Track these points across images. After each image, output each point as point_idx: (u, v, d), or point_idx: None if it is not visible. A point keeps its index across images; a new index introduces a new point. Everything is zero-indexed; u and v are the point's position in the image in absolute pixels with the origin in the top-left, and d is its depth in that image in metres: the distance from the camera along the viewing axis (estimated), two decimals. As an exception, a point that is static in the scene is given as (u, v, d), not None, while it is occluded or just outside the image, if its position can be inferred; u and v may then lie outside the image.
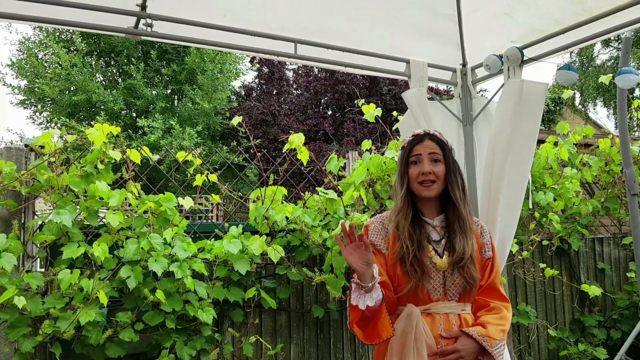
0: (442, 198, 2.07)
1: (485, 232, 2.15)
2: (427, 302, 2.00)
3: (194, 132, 14.35)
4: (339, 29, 3.05)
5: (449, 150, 2.08)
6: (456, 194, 2.03)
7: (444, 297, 2.00)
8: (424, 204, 2.08)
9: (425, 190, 2.01)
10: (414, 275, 1.95)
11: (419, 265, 1.95)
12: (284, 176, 3.64)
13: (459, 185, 2.05)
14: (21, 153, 2.96)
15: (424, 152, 2.03)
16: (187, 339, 2.97)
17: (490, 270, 2.09)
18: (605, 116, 26.74)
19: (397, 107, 13.70)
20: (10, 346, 2.72)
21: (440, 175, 2.01)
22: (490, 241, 2.14)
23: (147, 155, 3.24)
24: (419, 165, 2.02)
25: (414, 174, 2.02)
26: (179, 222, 3.09)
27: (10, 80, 15.39)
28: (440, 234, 2.05)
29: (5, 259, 2.56)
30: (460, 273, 1.98)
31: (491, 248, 2.13)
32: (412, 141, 2.08)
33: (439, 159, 2.04)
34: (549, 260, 4.59)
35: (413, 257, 1.96)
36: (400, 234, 2.01)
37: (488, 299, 2.06)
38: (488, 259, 2.09)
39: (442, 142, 2.07)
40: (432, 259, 2.00)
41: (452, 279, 2.00)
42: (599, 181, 4.77)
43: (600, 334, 4.51)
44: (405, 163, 2.06)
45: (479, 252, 2.08)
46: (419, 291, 1.98)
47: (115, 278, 2.82)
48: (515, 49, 2.95)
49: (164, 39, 2.69)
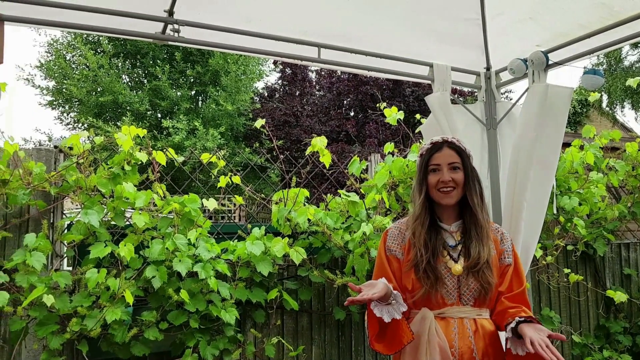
0: (460, 204, 2.09)
1: (506, 239, 2.14)
2: (441, 307, 2.01)
3: (217, 134, 14.46)
4: (362, 34, 3.06)
5: (467, 157, 2.09)
6: (474, 201, 2.04)
7: (459, 301, 2.02)
8: (442, 210, 2.10)
9: (445, 198, 2.03)
10: (426, 281, 1.98)
11: (432, 272, 1.98)
12: (306, 178, 3.66)
13: (477, 192, 2.06)
14: (51, 154, 3.04)
15: (443, 162, 2.04)
16: (210, 339, 3.01)
17: (516, 277, 2.07)
18: (634, 119, 26.21)
19: (421, 109, 13.66)
20: (38, 343, 2.80)
21: (459, 182, 2.03)
22: (512, 248, 2.13)
23: (173, 157, 3.29)
24: (438, 173, 2.04)
25: (433, 182, 2.04)
26: (203, 223, 3.13)
27: (39, 81, 15.60)
28: (457, 239, 2.07)
29: (34, 257, 2.62)
30: (476, 277, 1.99)
31: (513, 255, 2.11)
32: (430, 149, 2.09)
33: (457, 166, 2.05)
34: (574, 265, 4.53)
35: (427, 263, 1.98)
36: (415, 241, 2.04)
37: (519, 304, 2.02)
38: (508, 265, 2.08)
39: (461, 149, 2.08)
40: (447, 264, 2.02)
41: (466, 283, 2.01)
42: (625, 185, 4.69)
43: (626, 340, 4.44)
44: (425, 171, 2.08)
45: (498, 259, 2.08)
46: (432, 296, 2.00)
47: (140, 277, 2.87)
48: (540, 52, 2.93)
49: (190, 44, 2.73)
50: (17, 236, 2.89)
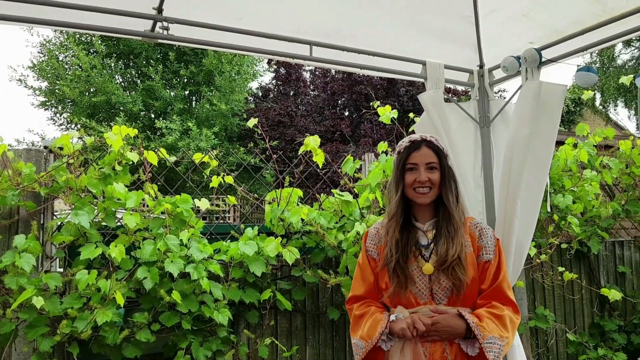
0: (436, 203, 2.10)
1: (485, 235, 2.11)
2: (414, 306, 2.03)
3: (211, 134, 14.42)
4: (354, 31, 3.04)
5: (445, 157, 2.10)
6: (449, 200, 2.06)
7: (431, 300, 2.03)
8: (418, 209, 2.12)
9: (421, 197, 2.05)
10: (395, 281, 2.01)
11: (401, 272, 2.01)
12: (299, 178, 3.64)
13: (452, 191, 2.08)
14: (40, 155, 3.00)
15: (420, 161, 2.05)
16: (203, 340, 2.99)
17: (494, 273, 2.06)
18: (627, 117, 26.31)
19: (415, 108, 13.66)
20: (28, 345, 2.76)
21: (435, 182, 2.05)
22: (495, 244, 2.10)
23: (164, 156, 3.27)
24: (415, 172, 2.05)
25: (410, 181, 2.05)
26: (195, 224, 3.10)
27: (32, 81, 15.52)
28: (429, 238, 2.07)
29: (24, 259, 2.59)
30: (446, 275, 1.99)
31: (496, 251, 2.09)
32: (409, 147, 2.09)
33: (435, 166, 2.06)
34: (568, 263, 4.53)
35: (396, 263, 2.01)
36: (388, 240, 2.07)
37: (491, 300, 2.04)
38: (487, 262, 2.07)
39: (439, 149, 2.09)
40: (419, 263, 2.04)
41: (438, 282, 2.01)
42: (619, 183, 4.69)
43: (621, 338, 4.44)
44: (402, 169, 2.09)
45: (475, 256, 2.07)
46: (403, 295, 2.03)
47: (132, 279, 2.85)
48: (533, 50, 2.91)
49: (180, 42, 2.71)
50: (6, 237, 2.86)
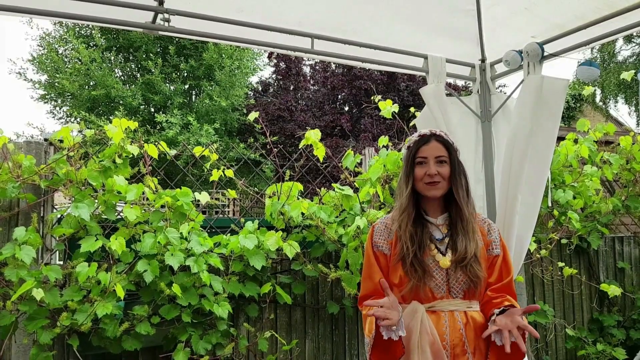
0: (446, 197, 2.09)
1: (493, 230, 2.14)
2: (431, 300, 2.01)
3: (212, 129, 14.39)
4: (356, 25, 3.03)
5: (455, 151, 2.09)
6: (460, 195, 2.04)
7: (448, 294, 2.01)
8: (428, 203, 2.10)
9: (432, 190, 2.03)
10: (414, 275, 1.97)
11: (420, 265, 1.98)
12: (300, 172, 3.63)
13: (462, 186, 2.07)
14: (40, 147, 3.00)
15: (430, 155, 2.04)
16: (203, 333, 2.99)
17: (503, 267, 2.08)
18: (627, 113, 26.31)
19: (415, 103, 13.64)
20: (28, 338, 2.76)
21: (445, 176, 2.03)
22: (499, 239, 2.13)
23: (165, 150, 3.26)
24: (425, 166, 2.04)
25: (420, 175, 2.04)
26: (196, 217, 3.10)
27: (31, 75, 15.48)
28: (443, 232, 2.07)
29: (24, 251, 2.59)
30: (464, 272, 1.98)
31: (501, 246, 2.11)
32: (418, 142, 2.09)
33: (444, 160, 2.05)
34: (568, 259, 4.53)
35: (413, 257, 1.98)
36: (402, 234, 2.04)
37: (504, 293, 2.04)
38: (496, 256, 2.09)
39: (448, 143, 2.08)
40: (435, 257, 2.02)
41: (455, 276, 2.00)
42: (619, 179, 4.69)
43: (619, 334, 4.45)
44: (411, 163, 2.08)
45: (485, 250, 2.08)
46: (421, 290, 1.99)
47: (132, 272, 2.85)
48: (535, 44, 2.90)
49: (181, 34, 2.69)
50: (6, 230, 2.85)
